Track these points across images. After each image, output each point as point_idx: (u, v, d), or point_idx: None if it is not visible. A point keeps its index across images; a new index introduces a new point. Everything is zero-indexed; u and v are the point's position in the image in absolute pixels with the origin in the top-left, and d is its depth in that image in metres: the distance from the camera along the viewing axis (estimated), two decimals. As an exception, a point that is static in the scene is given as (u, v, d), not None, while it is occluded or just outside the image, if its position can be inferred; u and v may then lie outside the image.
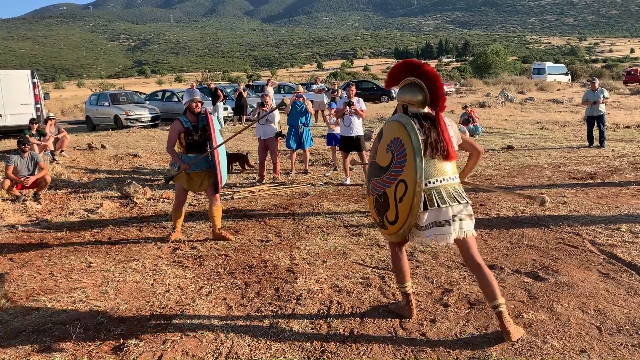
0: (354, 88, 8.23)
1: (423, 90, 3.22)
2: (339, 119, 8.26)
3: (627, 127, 14.84)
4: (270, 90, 15.11)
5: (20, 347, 3.26)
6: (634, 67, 56.61)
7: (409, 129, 3.12)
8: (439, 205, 3.09)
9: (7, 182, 7.52)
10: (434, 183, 3.13)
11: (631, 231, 5.15)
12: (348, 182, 8.30)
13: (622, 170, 8.43)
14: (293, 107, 8.93)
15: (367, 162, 7.88)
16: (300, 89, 9.23)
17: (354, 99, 8.03)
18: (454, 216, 3.11)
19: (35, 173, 7.77)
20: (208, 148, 5.36)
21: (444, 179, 3.15)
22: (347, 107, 7.94)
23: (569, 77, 45.85)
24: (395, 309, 3.58)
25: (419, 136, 3.11)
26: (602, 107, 11.51)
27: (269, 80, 19.36)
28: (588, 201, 6.47)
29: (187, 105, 5.45)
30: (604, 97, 11.54)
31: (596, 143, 11.40)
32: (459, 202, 3.13)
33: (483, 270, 3.14)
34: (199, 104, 5.46)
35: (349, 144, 8.19)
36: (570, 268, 4.27)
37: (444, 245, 3.27)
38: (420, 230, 3.19)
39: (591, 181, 7.72)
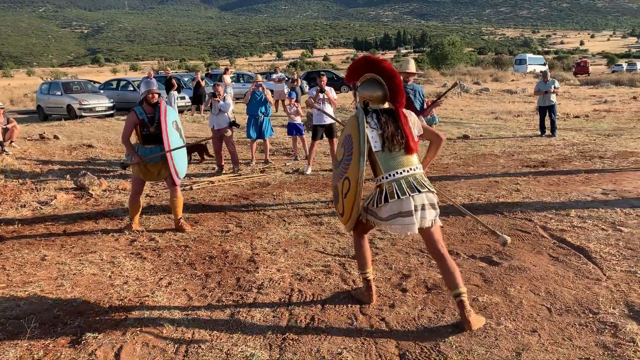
0: (325, 78, 8.31)
1: (382, 87, 3.28)
2: (309, 108, 8.31)
3: (577, 117, 15.39)
4: (227, 79, 14.87)
5: (-28, 343, 3.16)
6: (584, 59, 58.67)
7: (360, 127, 3.17)
8: (399, 197, 3.12)
9: None
10: (394, 175, 3.18)
11: (579, 216, 5.37)
12: (309, 171, 8.33)
13: (571, 159, 8.75)
14: (252, 97, 8.87)
15: (311, 150, 8.03)
16: (259, 78, 9.17)
17: (326, 88, 8.10)
18: (415, 206, 3.13)
19: None
20: (165, 140, 5.26)
21: (404, 171, 3.19)
22: (320, 95, 8.01)
23: (547, 67, 47.28)
24: (356, 295, 3.66)
25: (374, 132, 3.20)
26: (554, 98, 11.90)
27: (227, 69, 19.14)
28: (540, 188, 6.70)
29: (143, 95, 5.36)
30: (555, 87, 11.93)
31: (548, 132, 11.79)
32: (420, 191, 3.14)
33: (446, 260, 3.19)
34: (156, 95, 5.37)
35: (321, 132, 8.31)
36: (522, 252, 4.43)
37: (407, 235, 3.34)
38: (383, 220, 3.24)
39: (543, 169, 7.99)
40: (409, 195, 3.12)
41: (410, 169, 3.22)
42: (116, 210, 6.40)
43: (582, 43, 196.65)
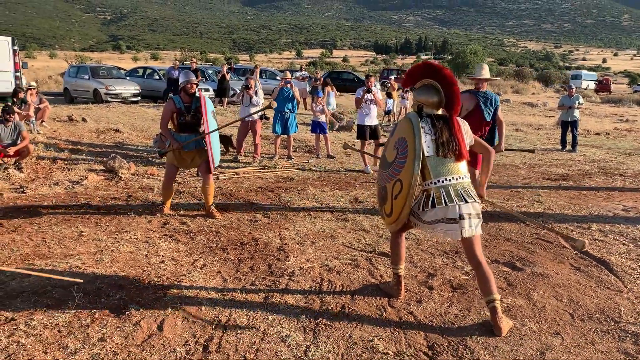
0: (372, 79, 8.56)
1: (439, 93, 3.35)
2: (358, 107, 8.50)
3: (598, 134, 15.39)
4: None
5: (23, 306, 3.35)
6: (606, 77, 58.25)
7: (416, 131, 3.25)
8: (446, 204, 3.20)
9: None
10: (443, 182, 3.25)
11: (601, 230, 5.47)
12: (369, 170, 8.48)
13: (592, 174, 8.82)
14: (280, 93, 9.04)
15: (362, 149, 8.17)
16: (289, 75, 9.34)
17: (372, 89, 8.30)
18: (461, 215, 3.19)
19: (18, 142, 7.71)
20: (201, 130, 5.53)
21: (453, 178, 3.26)
22: (367, 95, 8.22)
23: (595, 84, 48.09)
24: (384, 288, 3.80)
25: (427, 137, 3.28)
26: (577, 113, 11.95)
27: (257, 65, 19.33)
28: (561, 201, 6.80)
29: (182, 85, 5.55)
30: (579, 103, 11.98)
31: (569, 147, 11.84)
32: (467, 201, 3.21)
33: (483, 268, 3.27)
34: (194, 85, 5.55)
35: (367, 132, 8.48)
36: (545, 261, 4.55)
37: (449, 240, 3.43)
38: (425, 223, 3.33)
39: (564, 183, 8.08)
40: (456, 203, 3.20)
41: (459, 177, 3.29)
42: (146, 193, 6.59)
43: (604, 60, 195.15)
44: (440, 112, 3.41)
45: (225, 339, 3.03)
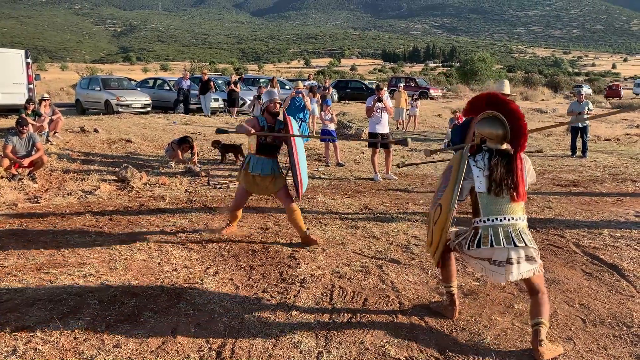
0: (384, 89, 8.68)
1: (504, 126, 3.17)
2: (370, 116, 8.55)
3: (608, 139, 15.32)
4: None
5: (39, 314, 3.41)
6: (616, 83, 57.95)
7: (463, 160, 3.17)
8: (492, 245, 3.03)
9: (6, 161, 7.58)
10: (493, 221, 3.08)
11: (612, 236, 5.45)
12: (379, 177, 8.51)
13: (603, 180, 8.78)
14: (292, 102, 9.13)
15: (373, 158, 8.21)
16: (301, 84, 9.43)
17: (383, 98, 8.38)
18: (509, 259, 3.02)
19: (33, 153, 7.83)
20: (288, 156, 5.03)
21: (504, 219, 3.08)
22: (378, 104, 8.30)
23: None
24: (436, 308, 3.57)
25: (480, 172, 3.14)
26: (586, 119, 11.90)
27: (274, 77, 19.46)
28: (572, 207, 6.78)
29: (265, 105, 5.16)
30: (588, 109, 11.94)
31: (579, 153, 11.79)
32: (516, 245, 3.02)
33: (540, 298, 3.13)
34: (277, 105, 5.15)
35: (379, 140, 8.54)
36: (556, 266, 4.54)
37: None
38: (471, 257, 3.23)
39: (574, 189, 8.05)
40: (504, 246, 3.02)
41: (513, 218, 3.10)
42: (158, 202, 6.66)
43: (614, 66, 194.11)
44: (504, 147, 3.21)
45: (238, 345, 3.07)
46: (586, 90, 48.14)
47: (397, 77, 35.99)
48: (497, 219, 3.08)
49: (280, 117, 5.20)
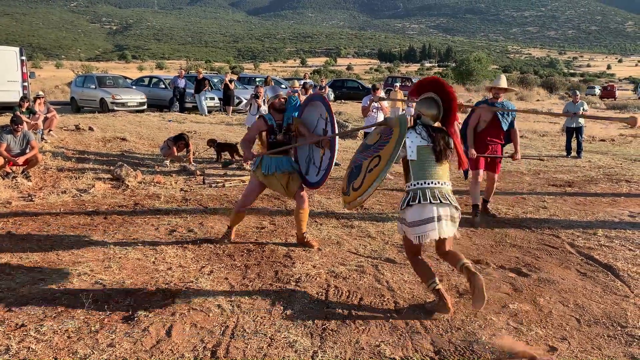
0: (379, 90, 8.67)
1: (439, 107, 3.65)
2: (366, 116, 8.58)
3: (603, 140, 15.37)
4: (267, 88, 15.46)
5: (33, 313, 3.39)
6: (610, 83, 58.17)
7: (402, 122, 3.53)
8: (420, 202, 3.41)
9: (0, 160, 7.54)
10: (422, 184, 3.49)
11: (607, 236, 5.47)
12: None
13: (598, 181, 8.81)
14: (287, 102, 9.09)
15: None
16: (297, 84, 9.41)
17: (379, 96, 8.43)
18: (439, 216, 3.40)
19: (27, 151, 7.79)
20: (297, 158, 5.04)
21: (432, 182, 3.49)
22: (374, 103, 8.33)
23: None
24: (431, 309, 3.57)
25: (415, 142, 3.53)
26: (582, 120, 11.94)
27: (268, 76, 19.42)
28: (567, 207, 6.80)
29: (270, 102, 5.06)
30: (583, 109, 11.99)
31: (574, 153, 11.83)
32: (442, 202, 3.42)
33: (451, 253, 3.61)
34: (283, 100, 5.07)
35: None
36: (550, 266, 4.55)
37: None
38: (409, 226, 3.49)
39: (569, 189, 8.07)
40: (431, 202, 3.41)
41: (439, 182, 3.51)
42: (152, 201, 6.64)
43: (609, 67, 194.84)
44: (436, 124, 3.67)
45: (233, 345, 3.06)
46: (597, 92, 48.38)
47: (393, 77, 35.98)
48: (425, 182, 3.49)
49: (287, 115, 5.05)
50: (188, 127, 13.92)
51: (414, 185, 3.49)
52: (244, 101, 18.31)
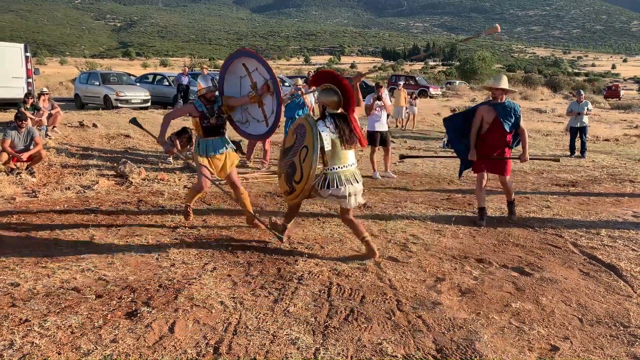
0: (383, 87, 8.64)
1: (338, 94, 4.24)
2: (369, 114, 8.56)
3: (607, 140, 15.32)
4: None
5: (37, 308, 3.40)
6: (615, 83, 57.94)
7: (309, 118, 4.35)
8: (337, 186, 4.24)
9: (4, 155, 7.58)
10: (336, 169, 4.27)
11: (610, 236, 5.46)
12: (377, 175, 8.51)
13: (601, 180, 8.79)
14: (291, 100, 9.10)
15: (372, 156, 8.34)
16: (300, 82, 9.40)
17: (382, 96, 8.37)
18: (350, 194, 4.28)
19: (31, 147, 7.82)
20: (233, 124, 5.44)
21: (344, 166, 4.29)
22: (377, 102, 8.31)
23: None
24: (362, 256, 4.56)
25: (329, 135, 4.19)
26: (586, 119, 11.92)
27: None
28: (570, 206, 6.79)
29: (203, 92, 5.23)
30: (587, 109, 11.96)
31: (577, 153, 11.80)
32: (352, 184, 4.30)
33: (354, 222, 4.49)
34: (215, 93, 5.31)
35: (377, 138, 8.55)
36: (553, 266, 4.55)
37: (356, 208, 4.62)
38: (323, 197, 4.41)
39: (573, 189, 8.06)
40: (346, 185, 4.25)
41: (348, 164, 4.32)
42: (156, 198, 6.66)
43: (614, 67, 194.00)
44: (339, 111, 4.29)
45: (235, 341, 3.07)
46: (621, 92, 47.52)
47: (397, 75, 35.94)
48: (338, 167, 4.28)
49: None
50: (191, 124, 13.92)
51: (330, 170, 4.27)
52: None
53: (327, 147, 4.18)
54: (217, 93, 5.37)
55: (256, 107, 5.27)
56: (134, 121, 5.56)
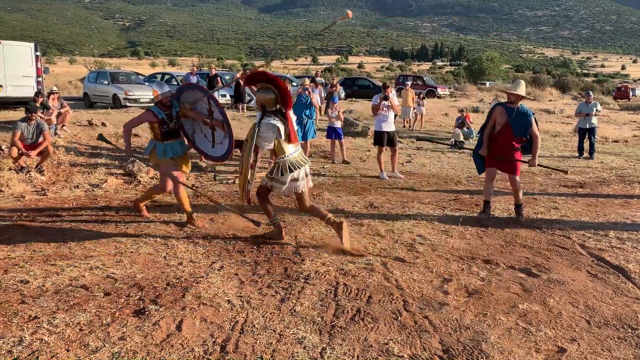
0: (390, 88, 8.64)
1: (274, 92, 4.59)
2: (376, 114, 8.55)
3: (616, 141, 15.23)
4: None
5: (46, 305, 3.43)
6: (624, 84, 57.52)
7: (257, 120, 4.69)
8: (291, 171, 4.67)
9: (15, 150, 7.66)
10: (285, 157, 4.68)
11: (618, 238, 5.43)
12: (385, 176, 8.51)
13: (610, 182, 8.74)
14: (298, 100, 9.12)
15: (379, 156, 8.27)
16: (307, 81, 9.41)
17: (389, 95, 8.36)
18: (300, 177, 4.73)
19: (40, 140, 7.90)
20: (184, 133, 5.61)
21: (290, 154, 4.71)
22: (384, 102, 8.28)
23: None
24: (270, 237, 5.00)
25: (282, 127, 4.64)
26: (595, 120, 11.86)
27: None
28: (578, 208, 6.76)
29: (159, 98, 5.42)
30: (596, 110, 11.89)
31: (586, 154, 11.74)
32: (302, 166, 4.75)
33: (315, 207, 4.94)
34: (167, 97, 5.47)
35: (385, 138, 8.54)
36: (561, 267, 4.53)
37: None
38: (284, 184, 4.69)
39: (581, 190, 8.02)
40: (299, 168, 4.72)
41: (293, 152, 4.75)
42: (165, 197, 6.68)
43: (623, 67, 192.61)
44: (277, 107, 4.64)
45: (242, 340, 3.08)
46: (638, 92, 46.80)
47: (405, 76, 35.87)
48: (287, 155, 4.69)
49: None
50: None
51: (282, 158, 4.68)
52: (254, 98, 18.37)
53: (283, 137, 4.64)
54: (170, 102, 5.50)
55: (207, 128, 5.53)
56: (100, 137, 6.03)
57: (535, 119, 6.04)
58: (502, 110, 5.98)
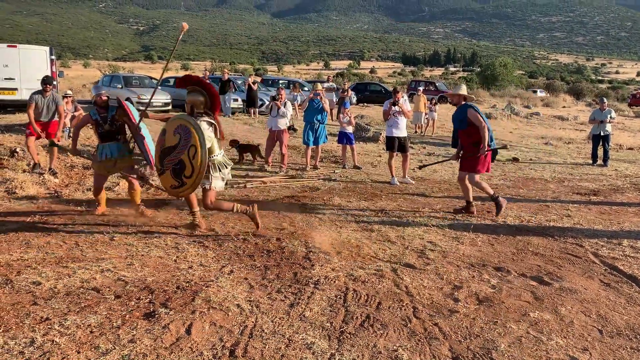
0: (400, 94, 8.63)
1: (203, 94, 4.93)
2: (386, 119, 8.57)
3: (630, 148, 15.09)
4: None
5: (57, 307, 3.46)
6: (639, 91, 56.87)
7: (189, 119, 4.81)
8: (224, 168, 5.07)
9: (32, 140, 7.77)
10: (216, 155, 4.98)
11: (632, 246, 5.37)
12: (396, 181, 8.49)
13: (624, 190, 8.65)
14: (310, 104, 9.15)
15: (390, 161, 8.29)
16: (319, 86, 9.43)
17: (400, 101, 8.35)
18: (225, 177, 5.13)
19: (55, 118, 7.96)
20: (125, 136, 5.92)
21: (220, 154, 5.04)
22: (394, 107, 8.29)
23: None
24: (188, 227, 5.37)
25: (211, 128, 4.91)
26: (609, 127, 11.75)
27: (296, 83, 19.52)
28: (591, 216, 6.69)
29: (94, 99, 5.88)
30: (611, 117, 11.79)
31: (600, 162, 11.63)
32: (228, 166, 5.18)
33: (219, 202, 5.19)
34: (104, 97, 5.84)
35: (396, 143, 8.52)
36: (573, 276, 4.48)
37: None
38: (215, 178, 5.01)
39: (594, 198, 7.94)
40: (226, 167, 5.14)
41: (219, 154, 5.07)
42: (175, 200, 6.71)
43: (638, 74, 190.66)
44: (204, 110, 4.95)
45: (251, 344, 3.08)
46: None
47: (417, 81, 35.81)
48: (216, 155, 5.02)
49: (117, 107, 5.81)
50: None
51: (215, 157, 4.95)
52: (267, 102, 18.43)
53: (209, 142, 4.84)
54: (107, 99, 5.84)
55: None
56: (52, 143, 6.72)
57: (476, 110, 6.31)
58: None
